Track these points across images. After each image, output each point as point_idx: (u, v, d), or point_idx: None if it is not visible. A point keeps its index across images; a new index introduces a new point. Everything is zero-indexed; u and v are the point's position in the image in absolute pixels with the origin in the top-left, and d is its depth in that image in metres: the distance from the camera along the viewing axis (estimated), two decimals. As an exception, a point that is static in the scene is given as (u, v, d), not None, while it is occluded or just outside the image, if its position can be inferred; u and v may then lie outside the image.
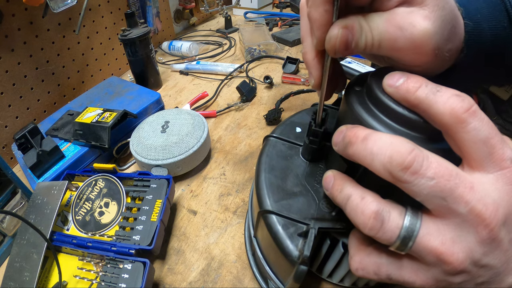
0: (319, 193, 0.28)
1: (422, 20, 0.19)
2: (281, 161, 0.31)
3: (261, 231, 0.30)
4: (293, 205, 0.27)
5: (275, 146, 0.33)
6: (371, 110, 0.22)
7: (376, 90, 0.21)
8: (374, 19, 0.20)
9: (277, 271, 0.29)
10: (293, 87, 0.70)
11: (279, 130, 0.34)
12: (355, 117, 0.22)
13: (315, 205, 0.27)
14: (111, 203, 0.40)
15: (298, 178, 0.29)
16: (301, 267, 0.23)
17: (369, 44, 0.21)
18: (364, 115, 0.22)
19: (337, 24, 0.20)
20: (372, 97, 0.22)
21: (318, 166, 0.30)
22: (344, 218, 0.25)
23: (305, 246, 0.23)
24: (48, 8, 0.55)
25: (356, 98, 0.23)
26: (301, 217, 0.26)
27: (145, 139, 0.47)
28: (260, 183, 0.29)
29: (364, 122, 0.21)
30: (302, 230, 0.25)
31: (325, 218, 0.25)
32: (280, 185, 0.29)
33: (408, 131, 0.20)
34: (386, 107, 0.20)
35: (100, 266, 0.35)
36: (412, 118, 0.19)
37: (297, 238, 0.25)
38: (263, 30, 0.90)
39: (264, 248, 0.31)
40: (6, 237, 0.40)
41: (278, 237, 0.26)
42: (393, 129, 0.20)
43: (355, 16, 0.20)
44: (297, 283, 0.24)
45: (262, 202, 0.28)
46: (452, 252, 0.16)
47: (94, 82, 0.71)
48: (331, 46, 0.21)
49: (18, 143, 0.45)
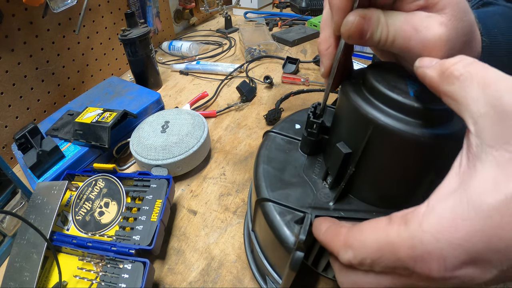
0: (317, 185, 0.28)
1: (437, 26, 0.20)
2: (280, 154, 0.31)
3: (258, 221, 0.30)
4: (291, 194, 0.27)
5: (274, 141, 0.33)
6: (367, 97, 0.22)
7: (372, 79, 0.22)
8: (393, 16, 0.21)
9: (275, 263, 0.30)
10: (293, 87, 0.70)
11: (279, 126, 0.35)
12: (352, 105, 0.23)
13: (313, 195, 0.27)
14: (111, 203, 0.40)
15: (296, 170, 0.29)
16: (297, 253, 0.23)
17: (383, 39, 0.21)
18: (360, 102, 0.22)
19: (355, 12, 0.21)
20: (367, 86, 0.23)
21: (317, 159, 0.30)
22: (341, 208, 0.25)
23: (301, 230, 0.23)
24: (48, 8, 0.55)
25: (352, 88, 0.24)
26: (298, 205, 0.26)
27: (145, 139, 0.47)
28: (258, 174, 0.30)
29: (360, 108, 0.22)
30: (299, 217, 0.25)
31: (322, 207, 0.26)
32: (278, 175, 0.29)
33: (404, 116, 0.20)
34: (382, 94, 0.21)
35: (100, 266, 0.35)
36: (408, 104, 0.20)
37: (294, 226, 0.25)
38: (263, 30, 0.90)
39: (262, 240, 0.31)
40: (6, 237, 0.40)
41: (275, 225, 0.26)
42: (389, 115, 0.21)
43: (376, 10, 0.21)
44: (293, 271, 0.23)
45: (259, 191, 0.28)
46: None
47: (94, 82, 0.71)
48: (345, 30, 0.21)
49: (18, 143, 0.45)
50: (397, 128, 0.20)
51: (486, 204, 0.14)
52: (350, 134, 0.24)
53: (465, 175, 0.15)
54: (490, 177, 0.14)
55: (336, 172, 0.25)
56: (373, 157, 0.23)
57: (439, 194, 0.16)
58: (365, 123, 0.22)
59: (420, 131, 0.20)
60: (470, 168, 0.15)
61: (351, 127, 0.24)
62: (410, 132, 0.20)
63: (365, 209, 0.25)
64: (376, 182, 0.24)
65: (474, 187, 0.14)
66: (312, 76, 0.73)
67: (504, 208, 0.13)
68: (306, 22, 0.98)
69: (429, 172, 0.22)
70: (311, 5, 1.06)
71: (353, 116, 0.23)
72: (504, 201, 0.13)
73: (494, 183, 0.14)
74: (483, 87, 0.15)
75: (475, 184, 0.14)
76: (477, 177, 0.15)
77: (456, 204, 0.15)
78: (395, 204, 0.25)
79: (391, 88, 0.21)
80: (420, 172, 0.22)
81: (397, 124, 0.20)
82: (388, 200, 0.25)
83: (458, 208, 0.14)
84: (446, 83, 0.17)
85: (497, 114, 0.14)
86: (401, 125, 0.20)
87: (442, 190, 0.16)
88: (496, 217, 0.13)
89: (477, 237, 0.14)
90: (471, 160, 0.15)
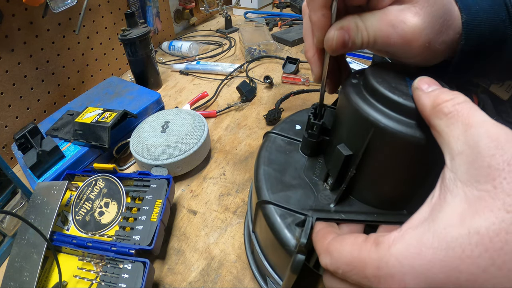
0: (318, 186, 0.28)
1: (412, 17, 0.21)
2: (280, 155, 0.31)
3: (259, 223, 0.30)
4: (292, 196, 0.27)
5: (274, 142, 0.33)
6: (368, 99, 0.23)
7: (372, 81, 0.22)
8: (369, 18, 0.22)
9: (276, 265, 0.30)
10: (293, 87, 0.70)
11: (279, 127, 0.35)
12: (353, 107, 0.23)
13: (314, 197, 0.27)
14: (111, 203, 0.40)
15: (297, 172, 0.29)
16: (298, 256, 0.23)
17: (365, 42, 0.23)
18: (360, 104, 0.22)
19: (334, 26, 0.23)
20: (368, 88, 0.23)
21: (317, 161, 0.30)
22: (342, 210, 0.25)
23: (302, 233, 0.23)
24: (48, 8, 0.55)
25: (352, 89, 0.24)
26: (299, 208, 0.26)
27: (145, 139, 0.47)
28: (259, 176, 0.30)
29: (361, 110, 0.22)
30: (300, 220, 0.25)
31: (323, 210, 0.25)
32: (279, 177, 0.29)
33: (405, 118, 0.21)
34: (383, 96, 0.21)
35: (100, 266, 0.35)
36: (408, 106, 0.20)
37: (295, 228, 0.25)
38: (263, 30, 0.90)
39: (262, 241, 0.31)
40: (6, 237, 0.40)
41: (276, 227, 0.25)
42: (390, 117, 0.21)
43: (352, 17, 0.22)
44: (294, 273, 0.23)
45: (260, 193, 0.28)
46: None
47: (94, 82, 0.71)
48: (328, 46, 0.23)
49: (18, 143, 0.45)
50: (398, 130, 0.20)
51: (450, 236, 0.14)
52: (351, 136, 0.25)
53: (436, 206, 0.16)
54: (457, 211, 0.15)
55: (337, 174, 0.25)
56: (374, 159, 0.23)
57: (411, 222, 0.17)
58: (366, 125, 0.22)
59: (421, 133, 0.20)
60: (441, 200, 0.16)
61: (352, 129, 0.24)
62: (411, 134, 0.20)
63: (366, 211, 0.25)
64: (377, 184, 0.24)
65: (441, 218, 0.15)
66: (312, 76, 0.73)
67: (466, 242, 0.14)
68: (306, 22, 0.98)
69: (430, 175, 0.22)
70: (311, 5, 1.06)
71: (354, 118, 0.23)
72: (467, 235, 0.14)
73: (460, 217, 0.14)
74: (465, 127, 0.16)
75: (442, 216, 0.15)
76: (445, 210, 0.15)
77: (424, 233, 0.15)
78: (396, 206, 0.25)
79: (391, 89, 0.21)
80: (421, 175, 0.22)
81: (398, 126, 0.20)
82: (389, 202, 0.25)
83: (424, 237, 0.15)
84: (435, 116, 0.18)
85: (473, 154, 0.15)
86: (402, 127, 0.20)
87: (414, 219, 0.17)
88: (458, 250, 0.14)
89: (439, 267, 0.14)
90: (442, 192, 0.16)
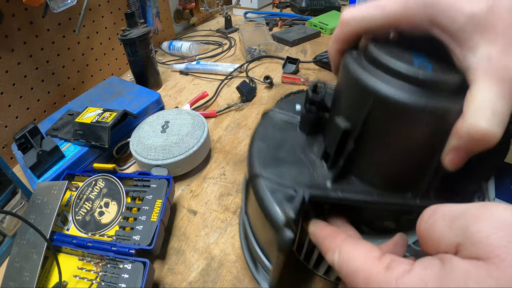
0: (315, 164, 0.26)
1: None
2: (277, 132, 0.29)
3: (250, 202, 0.28)
4: (286, 172, 0.25)
5: (272, 119, 0.31)
6: (368, 67, 0.21)
7: (374, 49, 0.21)
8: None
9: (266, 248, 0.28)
10: (293, 87, 0.70)
11: (278, 106, 0.33)
12: (351, 77, 0.21)
13: (310, 174, 0.25)
14: (111, 203, 0.40)
15: (293, 148, 0.27)
16: (285, 233, 0.21)
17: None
18: (359, 72, 0.21)
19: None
20: (368, 56, 0.21)
21: (316, 139, 0.28)
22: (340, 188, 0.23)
23: (291, 207, 0.21)
24: (48, 8, 0.55)
25: (352, 59, 0.22)
26: (293, 184, 0.24)
27: (145, 139, 0.47)
28: (252, 151, 0.28)
29: (359, 79, 0.21)
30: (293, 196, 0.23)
31: (319, 187, 0.24)
32: (273, 153, 0.27)
33: (407, 84, 0.19)
34: (383, 63, 0.20)
35: (100, 266, 0.35)
36: (412, 71, 0.19)
37: (286, 205, 0.23)
38: (263, 30, 0.90)
39: (252, 222, 0.29)
40: (6, 237, 0.40)
41: (265, 203, 0.24)
42: (391, 84, 0.19)
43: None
44: (282, 252, 0.22)
45: (252, 168, 0.26)
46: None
47: (94, 82, 0.71)
48: None
49: (18, 143, 0.45)
50: (399, 98, 0.18)
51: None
52: (349, 108, 0.23)
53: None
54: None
55: (334, 149, 0.23)
56: (374, 132, 0.21)
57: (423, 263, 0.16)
58: (365, 94, 0.20)
59: (425, 101, 0.18)
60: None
61: (351, 100, 0.23)
62: (414, 102, 0.18)
63: (365, 190, 0.23)
64: (378, 161, 0.22)
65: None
66: (312, 76, 0.73)
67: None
68: (306, 22, 0.98)
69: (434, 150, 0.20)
70: (311, 5, 1.06)
71: (353, 88, 0.22)
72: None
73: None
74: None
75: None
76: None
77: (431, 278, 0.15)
78: (400, 188, 0.23)
79: (394, 57, 0.20)
80: (424, 150, 0.20)
81: (399, 94, 0.18)
82: (392, 183, 0.23)
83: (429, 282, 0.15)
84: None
85: None
86: (404, 94, 0.18)
87: (425, 260, 0.17)
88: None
89: None
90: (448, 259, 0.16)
